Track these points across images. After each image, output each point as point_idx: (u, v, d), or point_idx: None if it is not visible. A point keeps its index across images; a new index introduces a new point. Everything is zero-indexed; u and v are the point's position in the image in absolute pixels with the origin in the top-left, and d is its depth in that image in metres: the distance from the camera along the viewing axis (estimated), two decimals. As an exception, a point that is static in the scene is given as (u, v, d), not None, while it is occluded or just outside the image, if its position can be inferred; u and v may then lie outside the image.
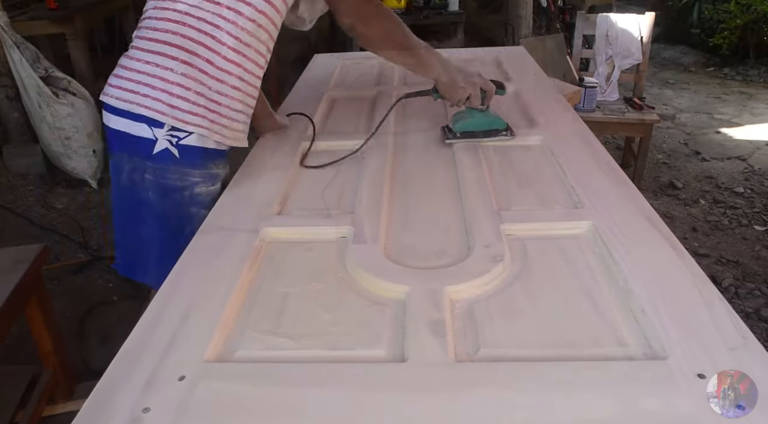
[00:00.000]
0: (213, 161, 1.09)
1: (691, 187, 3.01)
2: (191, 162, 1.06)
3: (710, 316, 0.67)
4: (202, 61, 1.01)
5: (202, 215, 1.03)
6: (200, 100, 1.02)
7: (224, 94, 1.04)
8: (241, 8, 1.02)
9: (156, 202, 1.08)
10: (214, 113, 1.04)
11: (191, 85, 1.01)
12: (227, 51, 1.02)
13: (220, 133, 1.06)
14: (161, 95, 1.01)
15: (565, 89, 2.46)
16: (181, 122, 1.02)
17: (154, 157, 1.04)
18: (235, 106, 1.07)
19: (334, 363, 0.65)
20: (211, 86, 1.03)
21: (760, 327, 1.99)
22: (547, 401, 0.57)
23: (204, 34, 1.01)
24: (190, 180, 1.07)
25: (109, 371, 0.64)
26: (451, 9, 4.12)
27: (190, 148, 1.05)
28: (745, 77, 4.84)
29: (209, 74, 1.02)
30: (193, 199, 1.08)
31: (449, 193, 1.02)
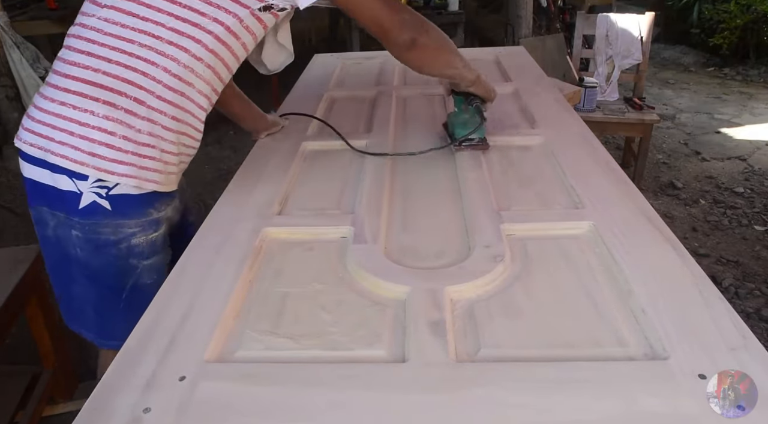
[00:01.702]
0: (153, 206, 0.97)
1: (691, 187, 3.01)
2: (126, 213, 0.93)
3: (710, 316, 0.67)
4: (129, 100, 0.87)
5: (146, 265, 0.96)
6: (127, 146, 0.88)
7: (157, 135, 0.91)
8: (187, 45, 0.89)
9: (87, 260, 0.95)
10: (146, 158, 0.91)
11: (116, 129, 0.87)
12: (162, 90, 0.89)
13: (152, 180, 0.93)
14: (80, 143, 0.87)
15: (565, 89, 2.46)
16: (106, 173, 0.88)
17: (81, 211, 0.91)
18: (169, 148, 0.94)
19: (334, 363, 0.65)
20: (141, 128, 0.89)
21: (761, 327, 1.99)
22: (547, 401, 0.57)
23: (133, 70, 0.87)
24: (125, 232, 0.95)
25: (109, 371, 0.64)
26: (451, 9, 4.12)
27: (123, 197, 0.92)
28: (745, 77, 4.84)
29: (138, 115, 0.88)
30: (130, 251, 0.96)
31: (449, 193, 1.02)
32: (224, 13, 0.89)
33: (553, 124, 1.26)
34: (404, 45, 0.97)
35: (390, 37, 0.97)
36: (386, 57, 1.99)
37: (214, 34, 0.90)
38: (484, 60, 1.85)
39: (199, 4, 0.88)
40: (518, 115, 1.36)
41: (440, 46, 1.03)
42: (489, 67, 1.79)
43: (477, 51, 2.04)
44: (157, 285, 0.80)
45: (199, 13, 0.88)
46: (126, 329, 0.71)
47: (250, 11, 0.91)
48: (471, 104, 1.12)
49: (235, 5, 0.90)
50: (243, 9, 0.90)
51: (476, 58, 1.88)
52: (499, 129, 1.24)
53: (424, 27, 0.99)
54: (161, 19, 0.87)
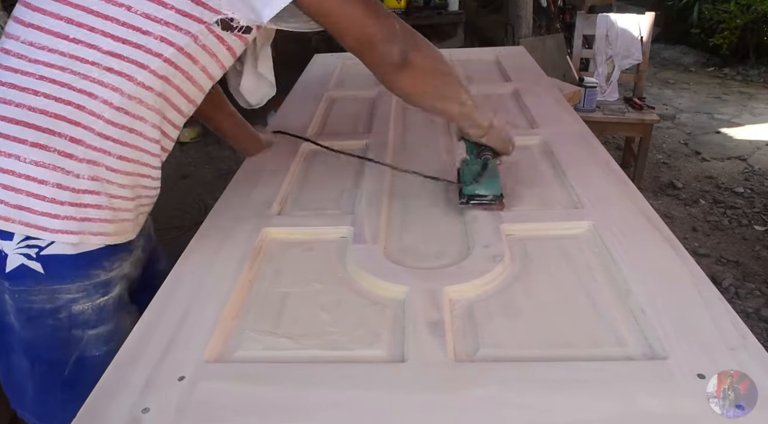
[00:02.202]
0: (99, 265, 0.79)
1: (691, 187, 3.01)
2: (62, 276, 0.77)
3: (710, 316, 0.67)
4: (63, 141, 0.72)
5: (93, 335, 0.80)
6: (63, 196, 0.73)
7: (101, 179, 0.75)
8: (131, 71, 0.73)
9: (21, 331, 0.80)
10: (89, 208, 0.75)
11: (48, 176, 0.71)
12: (104, 126, 0.74)
13: (99, 233, 0.77)
14: (3, 194, 0.71)
15: (565, 89, 2.46)
16: (37, 229, 0.72)
17: (8, 275, 0.76)
18: (119, 192, 0.78)
19: (333, 363, 0.65)
20: (81, 173, 0.73)
21: (760, 327, 1.99)
22: (547, 401, 0.57)
23: (66, 103, 0.71)
24: (64, 298, 0.78)
25: (108, 372, 0.65)
26: (451, 9, 4.11)
27: (58, 258, 0.75)
28: (745, 77, 4.84)
29: (77, 157, 0.73)
30: (73, 321, 0.79)
31: (449, 193, 1.02)
32: (173, 31, 0.73)
33: (553, 124, 1.26)
34: (394, 62, 0.77)
35: (376, 52, 0.77)
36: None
37: (163, 57, 0.74)
38: (484, 60, 1.86)
39: (142, 22, 0.72)
40: (518, 115, 1.36)
41: (437, 68, 0.83)
42: (489, 67, 1.79)
43: (477, 51, 2.04)
44: (110, 356, 0.69)
45: (142, 32, 0.72)
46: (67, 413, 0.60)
47: (206, 26, 0.75)
48: (480, 156, 0.93)
49: (188, 20, 0.74)
50: (197, 24, 0.74)
51: (476, 58, 1.89)
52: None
53: (417, 40, 0.80)
54: (96, 40, 0.71)
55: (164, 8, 0.72)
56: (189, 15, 0.73)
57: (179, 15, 0.73)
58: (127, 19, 0.71)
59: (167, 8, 0.72)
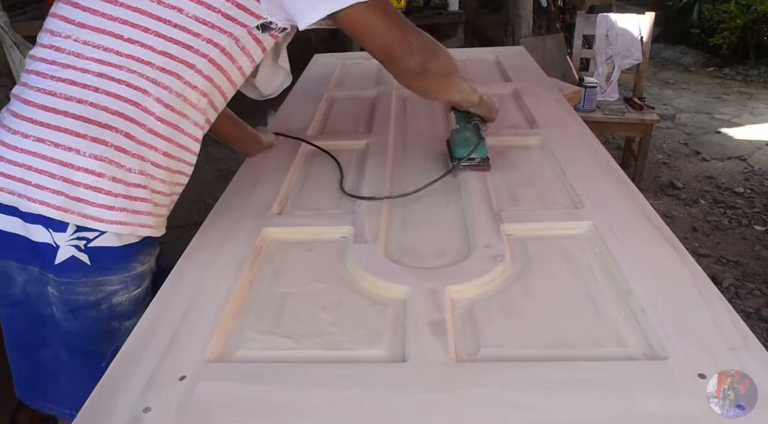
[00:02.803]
0: (137, 258, 0.84)
1: (691, 187, 3.01)
2: (107, 268, 0.81)
3: (710, 316, 0.67)
4: (119, 136, 0.76)
5: (129, 326, 0.81)
6: (118, 188, 0.77)
7: (147, 174, 0.81)
8: (180, 71, 0.78)
9: (64, 323, 0.83)
10: (137, 201, 0.80)
11: (105, 169, 0.76)
12: (154, 122, 0.79)
13: (144, 224, 0.82)
14: (62, 186, 0.75)
15: (565, 89, 2.46)
16: (93, 220, 0.77)
17: (57, 268, 0.79)
18: (160, 187, 0.83)
19: (334, 363, 0.65)
20: (132, 167, 0.78)
21: (761, 327, 1.99)
22: (547, 401, 0.57)
23: (124, 100, 0.76)
24: (107, 290, 0.82)
25: (109, 371, 0.65)
26: (451, 9, 4.12)
27: (104, 250, 0.80)
28: (745, 77, 4.84)
29: (129, 152, 0.78)
30: (112, 312, 0.84)
31: (449, 193, 1.02)
32: (219, 33, 0.79)
33: (553, 124, 1.26)
34: (413, 72, 0.87)
35: (398, 65, 0.86)
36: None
37: (209, 58, 0.80)
38: (484, 60, 1.86)
39: (192, 24, 0.77)
40: (518, 115, 1.36)
41: (449, 71, 0.94)
42: (489, 67, 1.79)
43: (477, 51, 2.04)
44: None
45: (192, 34, 0.77)
46: None
47: (248, 30, 0.81)
48: (470, 122, 1.08)
49: (232, 24, 0.79)
50: (240, 28, 0.80)
51: (476, 58, 1.89)
52: (498, 129, 1.24)
53: (434, 51, 0.89)
54: (150, 41, 0.76)
55: (212, 11, 0.77)
56: (233, 18, 0.79)
57: (224, 18, 0.78)
58: (179, 20, 0.76)
59: (214, 11, 0.77)
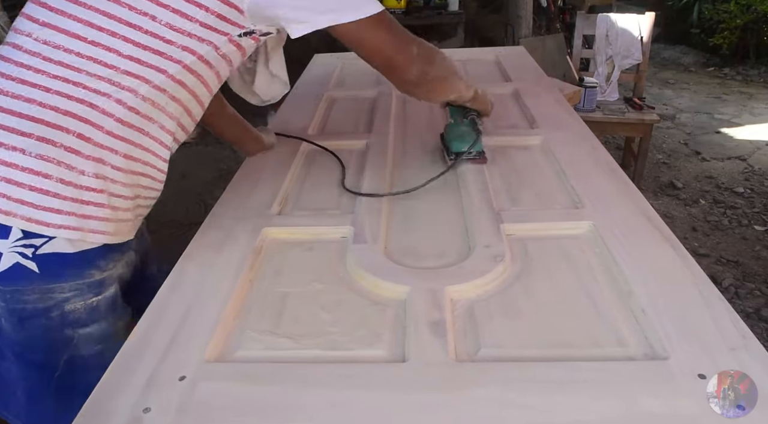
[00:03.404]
0: (96, 264, 0.79)
1: (691, 187, 3.01)
2: (58, 274, 0.76)
3: (710, 316, 0.67)
4: (71, 137, 0.72)
5: (84, 334, 0.79)
6: (66, 191, 0.73)
7: (105, 177, 0.76)
8: (147, 75, 0.74)
9: (12, 334, 0.79)
10: (90, 205, 0.75)
11: (52, 170, 0.71)
12: (114, 124, 0.74)
13: (97, 230, 0.77)
14: (5, 187, 0.71)
15: (565, 89, 2.46)
16: (38, 224, 0.72)
17: (1, 276, 0.74)
18: (120, 191, 0.79)
19: (334, 363, 0.65)
20: (86, 170, 0.74)
21: (760, 327, 1.99)
22: (548, 401, 0.57)
23: (78, 102, 0.72)
24: (57, 297, 0.77)
25: (109, 371, 0.65)
26: (451, 9, 4.12)
27: (55, 256, 0.75)
28: (745, 77, 4.84)
29: (83, 154, 0.73)
30: (64, 319, 0.79)
31: (449, 193, 1.02)
32: (197, 42, 0.75)
33: (553, 124, 1.26)
34: (414, 82, 0.89)
35: (400, 75, 0.88)
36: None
37: (182, 64, 0.76)
38: (484, 60, 1.86)
39: (165, 32, 0.73)
40: (518, 115, 1.36)
41: (448, 75, 0.95)
42: (489, 67, 1.79)
43: (477, 51, 2.04)
44: (100, 359, 0.69)
45: (164, 41, 0.73)
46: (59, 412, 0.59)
47: (229, 38, 0.77)
48: (467, 117, 1.09)
49: (212, 33, 0.76)
50: (221, 36, 0.77)
51: (476, 58, 1.89)
52: (498, 129, 1.24)
53: (433, 57, 0.90)
54: (117, 45, 0.72)
55: (189, 21, 0.73)
56: (213, 28, 0.75)
57: (204, 28, 0.75)
58: (151, 27, 0.73)
59: (193, 21, 0.74)
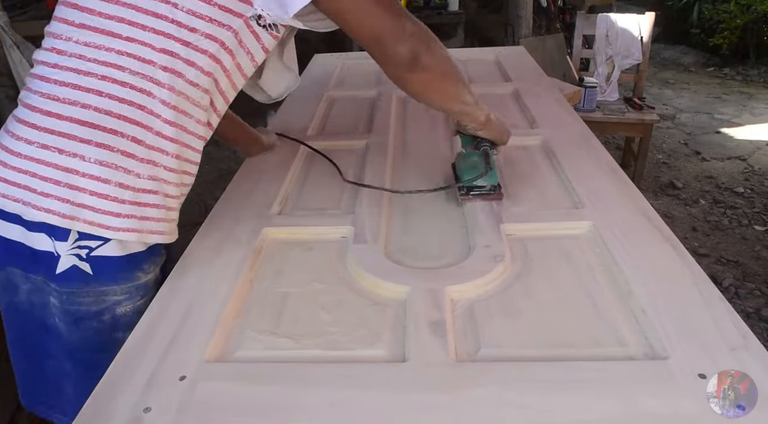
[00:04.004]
0: (141, 267, 0.81)
1: (691, 187, 3.01)
2: (111, 277, 0.78)
3: (710, 316, 0.67)
4: (127, 141, 0.74)
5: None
6: (125, 195, 0.75)
7: (159, 178, 0.78)
8: (182, 69, 0.75)
9: (66, 334, 0.81)
10: (148, 207, 0.77)
11: (111, 175, 0.73)
12: (162, 125, 0.76)
13: (155, 231, 0.79)
14: (67, 193, 0.72)
15: (565, 89, 2.46)
16: (98, 227, 0.74)
17: (58, 277, 0.76)
18: (172, 192, 0.81)
19: (334, 363, 0.65)
20: (141, 173, 0.76)
21: (761, 327, 1.99)
22: (548, 401, 0.57)
23: (129, 104, 0.73)
24: (110, 300, 0.79)
25: (109, 371, 0.65)
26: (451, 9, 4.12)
27: (107, 260, 0.77)
28: (745, 77, 4.84)
29: (138, 157, 0.75)
30: (115, 323, 0.81)
31: (449, 193, 1.02)
32: (218, 27, 0.75)
33: (553, 124, 1.26)
34: (404, 62, 0.79)
35: (387, 51, 0.79)
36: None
37: (209, 53, 0.76)
38: (484, 60, 1.86)
39: (188, 19, 0.73)
40: (518, 115, 1.36)
41: (447, 71, 0.84)
42: (489, 67, 1.79)
43: (477, 51, 2.04)
44: None
45: (189, 29, 0.74)
46: None
47: (245, 21, 0.77)
48: (479, 147, 0.97)
49: (228, 16, 0.76)
50: (237, 19, 0.76)
51: (476, 58, 1.89)
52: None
53: (430, 43, 0.81)
54: (148, 38, 0.73)
55: (207, 4, 0.74)
56: (230, 10, 0.75)
57: (221, 11, 0.75)
58: (175, 16, 0.73)
59: (210, 4, 0.74)
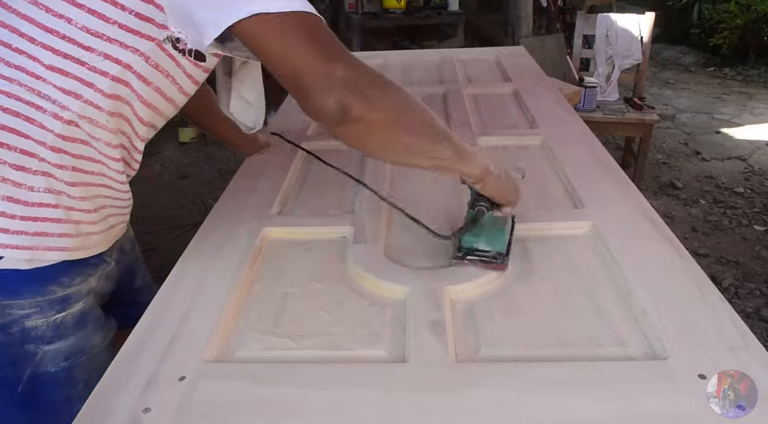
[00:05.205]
0: (56, 281, 0.76)
1: (691, 187, 3.01)
2: (15, 291, 0.73)
3: (710, 316, 0.67)
4: (14, 153, 0.68)
5: (49, 351, 0.77)
6: (14, 209, 0.69)
7: (59, 192, 0.72)
8: (76, 89, 0.68)
9: None
10: (45, 221, 0.72)
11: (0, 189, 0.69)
12: (55, 139, 0.69)
13: (57, 247, 0.74)
14: None
15: (565, 89, 2.45)
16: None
17: None
18: (80, 206, 0.75)
19: (334, 363, 0.65)
20: (35, 185, 0.70)
21: (760, 327, 1.99)
22: (547, 401, 0.57)
23: (15, 115, 0.68)
24: (16, 314, 0.74)
25: (109, 371, 0.65)
26: (451, 9, 4.12)
27: (9, 274, 0.72)
28: (745, 77, 4.84)
29: (30, 170, 0.69)
30: (25, 335, 0.75)
31: (449, 193, 1.02)
32: (119, 48, 0.68)
33: (553, 124, 1.26)
34: (329, 116, 0.62)
35: (310, 104, 0.62)
36: (386, 58, 1.99)
37: (110, 76, 0.69)
38: (484, 60, 1.86)
39: (83, 37, 0.66)
40: (518, 115, 1.36)
41: (393, 119, 0.66)
42: (489, 67, 1.79)
43: (477, 51, 2.04)
44: (69, 373, 0.69)
45: (84, 48, 0.67)
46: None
47: (157, 44, 0.69)
48: (474, 206, 0.80)
49: (134, 37, 0.68)
50: (146, 42, 0.68)
51: (476, 58, 1.89)
52: (499, 129, 1.24)
53: (366, 86, 0.64)
54: (37, 53, 0.66)
55: (107, 23, 0.66)
56: (135, 32, 0.68)
57: (124, 31, 0.67)
58: (67, 32, 0.66)
59: (110, 23, 0.66)
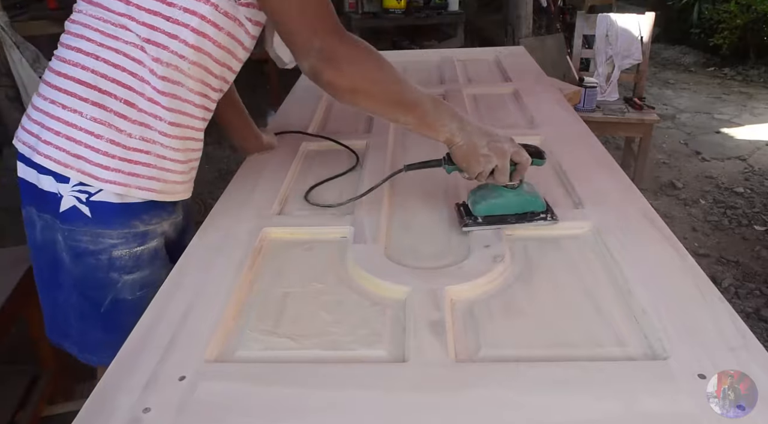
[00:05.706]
0: (139, 218, 0.89)
1: (691, 187, 3.01)
2: (106, 221, 0.86)
3: (710, 316, 0.67)
4: (119, 103, 0.82)
5: (128, 280, 0.90)
6: (115, 151, 0.83)
7: (152, 141, 0.85)
8: (164, 41, 0.81)
9: (70, 267, 0.90)
10: (138, 164, 0.85)
11: (103, 132, 0.82)
12: (152, 92, 0.83)
13: (146, 188, 0.87)
14: (65, 143, 0.82)
15: (565, 89, 2.45)
16: (89, 176, 0.83)
17: (62, 215, 0.86)
18: (171, 155, 0.88)
19: (334, 363, 0.65)
20: (133, 133, 0.83)
21: (760, 327, 1.99)
22: (547, 401, 0.57)
23: (121, 70, 0.81)
24: (106, 243, 0.87)
25: (109, 371, 0.64)
26: (451, 9, 4.12)
27: (104, 205, 0.85)
28: (745, 77, 4.84)
29: (129, 119, 0.82)
30: (111, 264, 0.89)
31: (449, 193, 1.02)
32: (195, 1, 0.81)
33: (553, 124, 1.26)
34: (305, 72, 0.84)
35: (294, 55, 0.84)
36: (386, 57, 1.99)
37: (190, 27, 0.82)
38: (484, 60, 1.86)
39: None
40: (518, 115, 1.36)
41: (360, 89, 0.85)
42: (489, 67, 1.79)
43: (477, 51, 2.04)
44: (142, 302, 0.78)
45: (167, 4, 0.80)
46: (104, 345, 0.67)
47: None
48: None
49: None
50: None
51: (476, 58, 1.89)
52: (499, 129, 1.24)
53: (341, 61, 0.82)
54: (132, 12, 0.80)
55: None
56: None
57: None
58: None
59: None
